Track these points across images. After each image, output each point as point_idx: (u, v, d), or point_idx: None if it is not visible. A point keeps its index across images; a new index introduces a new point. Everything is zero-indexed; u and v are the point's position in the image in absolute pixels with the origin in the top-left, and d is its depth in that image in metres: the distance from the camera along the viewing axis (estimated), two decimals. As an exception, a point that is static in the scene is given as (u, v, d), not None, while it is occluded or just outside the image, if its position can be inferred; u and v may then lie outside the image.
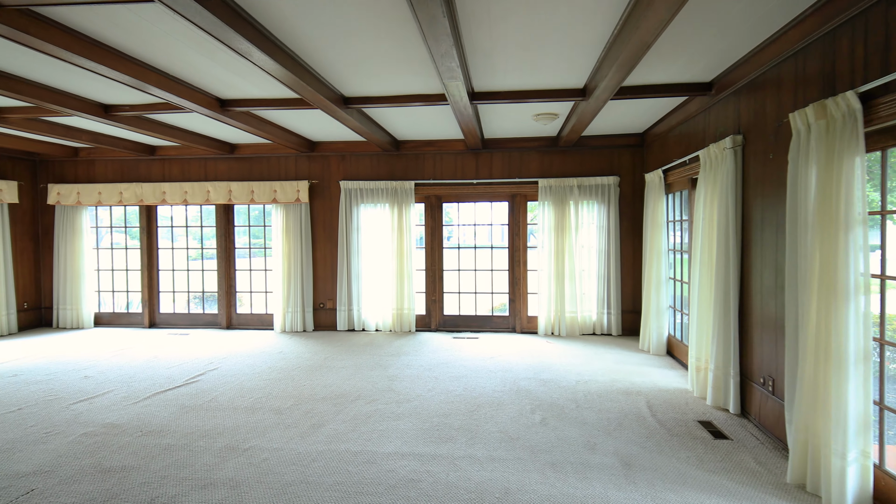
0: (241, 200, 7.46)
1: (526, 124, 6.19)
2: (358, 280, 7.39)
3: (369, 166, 7.42)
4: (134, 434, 3.73)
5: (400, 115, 5.66)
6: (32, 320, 7.94)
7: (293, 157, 7.55)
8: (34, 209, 7.98)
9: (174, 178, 7.74)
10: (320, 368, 5.48)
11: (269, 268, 7.82)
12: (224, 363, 5.71)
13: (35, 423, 3.93)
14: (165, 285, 8.07)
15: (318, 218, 7.56)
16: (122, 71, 3.76)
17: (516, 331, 7.27)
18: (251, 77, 4.28)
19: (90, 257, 7.97)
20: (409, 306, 7.28)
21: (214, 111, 4.92)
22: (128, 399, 4.51)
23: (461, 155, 7.25)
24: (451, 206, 7.60)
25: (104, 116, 5.17)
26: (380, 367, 5.54)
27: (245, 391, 4.73)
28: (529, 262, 7.31)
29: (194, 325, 7.91)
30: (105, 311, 8.18)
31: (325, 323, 7.59)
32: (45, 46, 3.23)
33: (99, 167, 7.89)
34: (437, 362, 5.69)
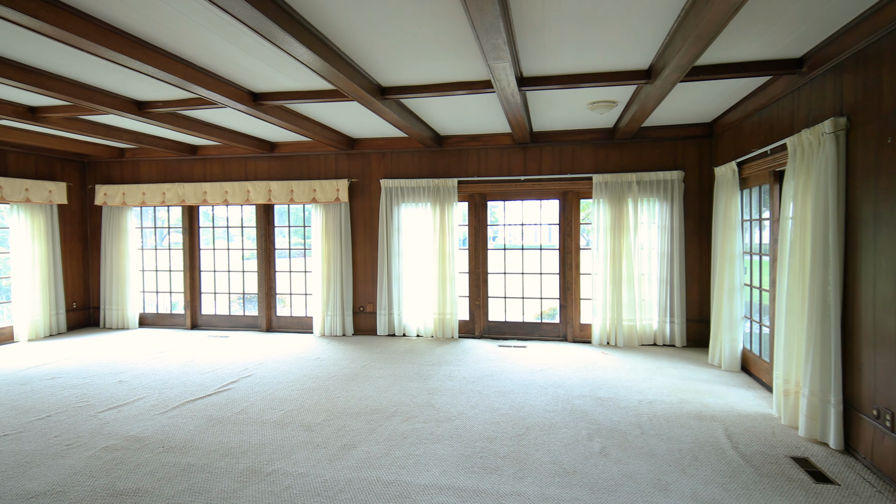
0: (281, 200, 7.26)
1: (579, 114, 5.65)
2: (399, 283, 7.04)
3: (410, 163, 7.06)
4: (155, 450, 3.48)
5: (441, 106, 5.25)
6: (81, 320, 8.04)
7: (333, 155, 7.28)
8: (83, 210, 8.08)
9: (215, 177, 7.64)
10: (357, 378, 5.14)
11: (308, 269, 7.60)
12: (259, 370, 5.47)
13: (59, 434, 3.76)
14: (207, 286, 7.99)
15: (358, 218, 7.26)
16: (151, 63, 3.52)
17: (567, 339, 6.72)
18: (283, 66, 3.98)
19: (135, 258, 7.98)
20: (451, 311, 6.86)
21: (247, 105, 4.67)
22: (156, 408, 4.30)
23: (508, 150, 6.78)
24: (496, 204, 7.14)
25: (138, 114, 5.02)
26: (419, 377, 5.14)
27: (276, 402, 4.44)
28: (582, 264, 6.74)
29: (235, 327, 7.78)
30: (149, 311, 8.19)
31: (365, 327, 7.29)
32: (77, 41, 3.02)
33: (143, 168, 7.89)
34: (480, 374, 5.24)
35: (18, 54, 3.73)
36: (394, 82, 4.43)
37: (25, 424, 3.94)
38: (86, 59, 3.79)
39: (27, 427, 3.89)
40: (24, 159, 7.12)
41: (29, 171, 7.18)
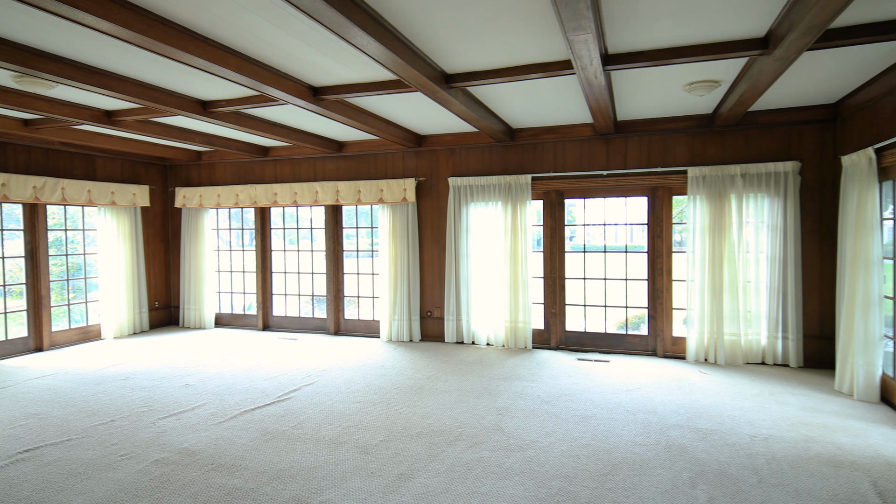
0: (349, 201, 7.07)
1: (673, 98, 4.93)
2: (467, 287, 6.61)
3: (480, 160, 6.60)
4: (204, 467, 3.27)
5: (513, 94, 4.75)
6: (163, 319, 8.32)
7: (400, 153, 6.98)
8: (164, 212, 8.36)
9: (285, 178, 7.60)
10: (421, 391, 4.77)
11: (375, 272, 7.36)
12: (322, 377, 5.25)
13: (117, 442, 3.67)
14: (278, 288, 7.99)
15: (425, 218, 6.92)
16: (205, 57, 3.32)
17: (657, 354, 5.97)
18: (342, 55, 3.66)
19: (211, 259, 8.14)
20: (524, 319, 6.33)
21: (307, 100, 4.42)
22: (215, 417, 4.15)
23: (588, 142, 6.14)
24: (574, 202, 6.52)
25: (203, 114, 4.94)
26: (488, 393, 4.68)
27: (335, 416, 4.15)
28: (675, 269, 5.97)
29: (304, 329, 7.71)
30: (225, 311, 8.32)
31: (433, 333, 6.93)
32: (141, 39, 2.85)
33: (218, 170, 8.02)
34: (557, 392, 4.69)
35: (88, 58, 3.68)
36: (459, 68, 4.00)
37: (89, 429, 3.91)
38: (145, 56, 3.68)
39: (90, 432, 3.85)
40: (110, 164, 7.42)
41: (115, 175, 7.48)
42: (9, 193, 6.04)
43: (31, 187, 6.28)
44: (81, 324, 7.26)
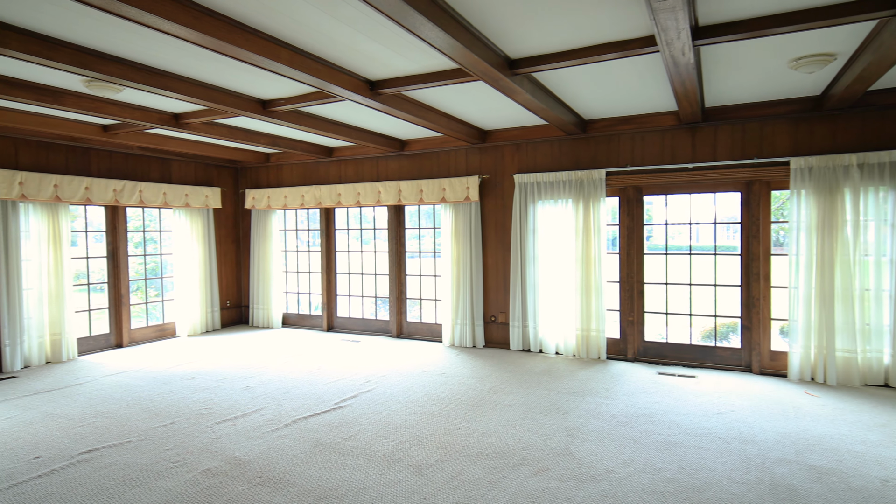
0: (411, 201, 6.86)
1: (774, 78, 4.28)
2: (534, 291, 6.19)
3: (549, 155, 6.16)
4: (251, 481, 3.12)
5: (585, 80, 4.30)
6: (234, 318, 8.52)
7: (463, 150, 6.68)
8: (235, 213, 8.56)
9: (349, 179, 7.52)
10: (483, 404, 4.43)
11: (438, 274, 7.11)
12: (381, 384, 5.05)
13: (172, 447, 3.62)
14: (342, 289, 7.93)
15: (489, 218, 6.57)
16: (259, 52, 3.18)
17: (752, 370, 5.27)
18: (397, 43, 3.40)
19: (278, 259, 8.23)
20: (597, 327, 5.82)
21: (364, 95, 4.22)
22: (270, 423, 4.03)
23: (671, 132, 5.54)
24: (654, 199, 5.92)
25: (263, 113, 4.88)
26: (557, 410, 4.26)
27: (390, 428, 3.90)
28: (774, 274, 5.24)
29: (367, 330, 7.60)
30: (292, 311, 8.40)
31: (497, 339, 6.56)
32: (187, 33, 2.74)
33: (285, 171, 8.09)
34: (635, 412, 4.19)
35: (145, 58, 3.66)
36: (524, 52, 3.62)
37: (149, 431, 3.91)
38: (198, 53, 3.60)
39: (149, 434, 3.84)
40: (185, 167, 7.67)
41: (189, 177, 7.72)
42: (92, 196, 6.34)
43: (112, 190, 6.56)
44: (158, 321, 7.55)
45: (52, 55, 3.29)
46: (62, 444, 3.68)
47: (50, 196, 5.92)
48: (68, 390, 4.92)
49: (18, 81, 4.14)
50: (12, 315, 5.67)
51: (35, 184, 5.79)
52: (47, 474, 3.21)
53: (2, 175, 5.53)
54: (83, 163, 6.41)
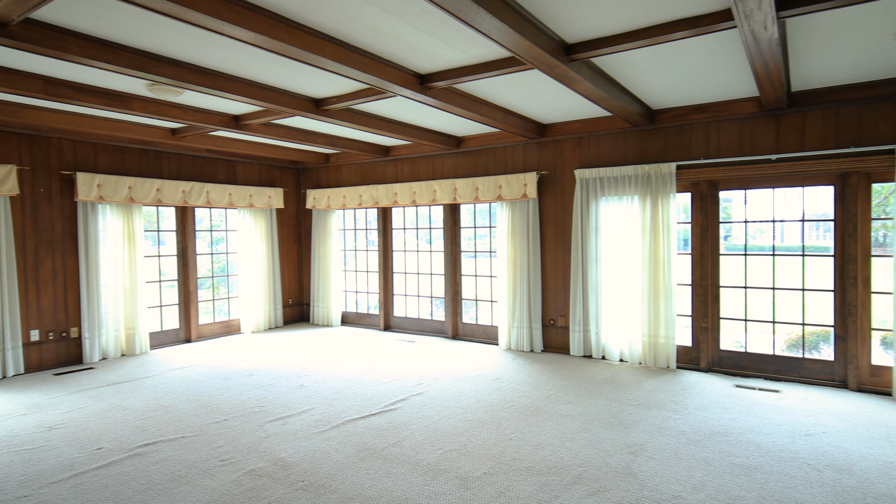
0: (466, 199, 6.68)
1: (875, 54, 3.73)
2: (597, 294, 5.83)
3: (612, 148, 5.78)
4: (294, 484, 3.05)
5: (651, 64, 3.94)
6: (295, 315, 8.70)
7: (521, 145, 6.42)
8: (297, 213, 8.73)
9: (405, 178, 7.45)
10: (538, 413, 4.18)
11: (494, 274, 6.88)
12: (433, 387, 4.91)
13: (223, 444, 3.64)
14: (399, 288, 7.89)
15: (547, 216, 6.26)
16: (304, 48, 3.13)
17: (848, 386, 4.67)
18: (442, 31, 3.24)
19: (337, 258, 8.31)
20: (666, 333, 5.39)
21: (414, 89, 4.08)
22: (318, 424, 3.99)
23: (751, 120, 5.02)
24: (732, 194, 5.40)
25: (316, 112, 4.87)
26: (618, 423, 3.94)
27: (438, 436, 3.74)
28: (876, 278, 4.62)
29: (423, 331, 7.51)
30: (350, 310, 8.46)
31: (557, 343, 6.25)
32: (230, 28, 2.73)
33: (344, 171, 8.15)
34: (708, 429, 3.79)
35: (197, 58, 3.72)
36: (582, 35, 3.35)
37: (203, 427, 3.97)
38: (247, 50, 3.60)
39: (203, 430, 3.90)
40: (249, 168, 7.90)
41: (253, 178, 7.95)
42: (162, 197, 6.64)
43: (181, 191, 6.84)
44: (224, 318, 7.82)
45: (111, 59, 3.39)
46: (124, 436, 3.80)
47: (124, 197, 6.24)
48: (137, 383, 5.14)
49: (89, 87, 4.35)
50: (91, 310, 6.02)
51: (111, 186, 6.12)
52: (105, 466, 3.31)
53: (82, 178, 5.88)
54: (155, 165, 6.72)
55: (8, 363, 5.39)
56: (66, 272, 5.93)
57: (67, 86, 4.22)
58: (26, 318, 5.61)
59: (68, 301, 5.94)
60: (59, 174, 5.85)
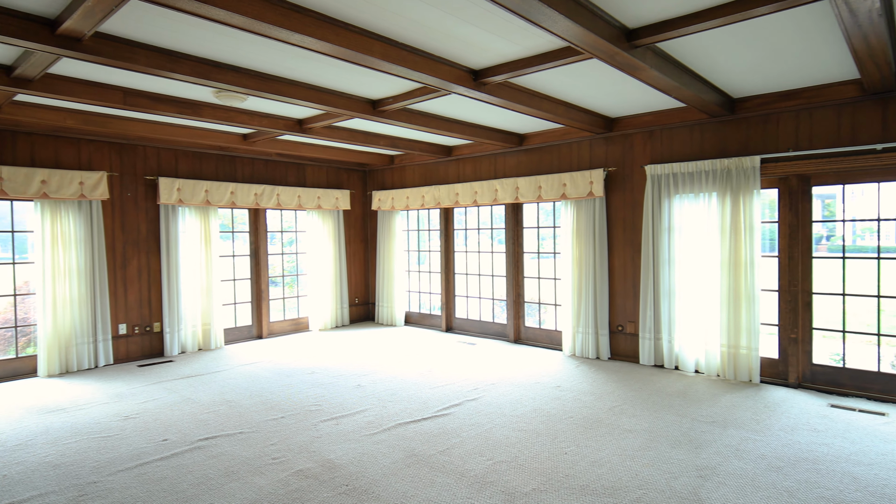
0: (529, 198, 6.46)
1: None
2: (670, 299, 5.41)
3: (687, 142, 5.34)
4: (338, 488, 3.03)
5: (727, 46, 3.56)
6: (361, 314, 8.85)
7: (587, 141, 6.10)
8: (363, 214, 8.88)
9: (467, 178, 7.35)
10: (598, 426, 3.91)
11: (558, 276, 6.60)
12: (488, 393, 4.76)
13: (276, 442, 3.71)
14: (460, 290, 7.80)
15: (615, 215, 5.91)
16: (350, 47, 3.11)
17: (973, 412, 4.00)
18: (491, 22, 3.09)
19: (401, 258, 8.36)
20: (748, 344, 4.89)
21: (467, 86, 3.96)
22: (370, 426, 3.97)
23: (850, 106, 4.44)
24: (827, 190, 4.81)
25: (373, 113, 4.88)
26: (688, 441, 3.59)
27: (489, 445, 3.60)
28: None
29: (484, 333, 7.36)
30: (413, 310, 8.48)
31: (625, 351, 5.88)
32: (272, 30, 2.77)
33: (408, 172, 8.18)
34: (794, 454, 3.37)
35: (255, 63, 3.82)
36: (645, 18, 3.07)
37: (261, 423, 4.07)
38: (300, 55, 3.64)
39: (261, 427, 4.00)
40: (318, 171, 8.12)
41: (321, 181, 8.17)
42: (236, 200, 6.96)
43: (253, 194, 7.15)
44: (294, 316, 8.09)
45: (174, 67, 3.54)
46: (188, 428, 3.98)
47: (201, 200, 6.61)
48: (207, 377, 5.40)
49: (163, 96, 4.60)
50: (172, 306, 6.42)
51: (190, 189, 6.50)
52: (168, 457, 3.46)
53: (164, 183, 6.29)
54: (230, 169, 7.07)
55: (100, 354, 5.86)
56: (149, 270, 6.36)
57: (144, 96, 4.49)
58: (115, 312, 6.07)
59: (152, 297, 6.37)
60: (143, 179, 6.29)
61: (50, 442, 3.74)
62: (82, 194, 5.64)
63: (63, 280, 5.60)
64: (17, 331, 5.71)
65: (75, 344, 5.68)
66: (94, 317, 5.83)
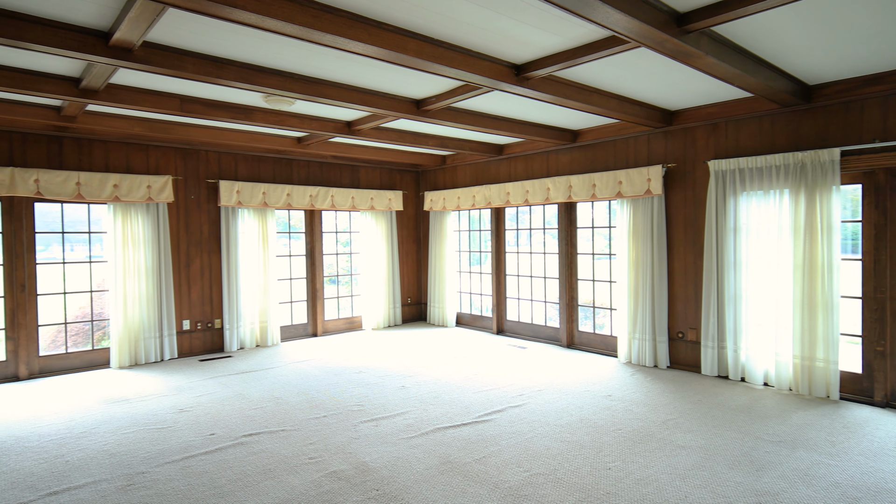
0: (582, 197, 6.19)
1: None
2: (735, 305, 5.01)
3: (756, 134, 4.91)
4: (368, 492, 2.99)
5: (798, 25, 3.20)
6: (414, 314, 8.88)
7: (644, 136, 5.77)
8: (416, 215, 8.90)
9: (518, 176, 7.17)
10: (648, 441, 3.66)
11: (613, 279, 6.29)
12: (533, 400, 4.59)
13: (315, 441, 3.74)
14: (511, 291, 7.62)
15: (675, 214, 5.54)
16: (384, 46, 3.07)
17: None
18: (527, 13, 2.95)
19: (452, 259, 8.29)
20: (825, 356, 4.43)
21: (510, 82, 3.83)
22: (409, 430, 3.92)
23: (951, 89, 3.90)
24: (924, 186, 4.26)
25: (417, 113, 4.84)
26: (749, 462, 3.28)
27: (527, 456, 3.45)
28: None
29: (536, 337, 7.16)
30: (465, 311, 8.40)
31: (686, 360, 5.50)
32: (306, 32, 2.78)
33: (459, 172, 8.10)
34: (875, 483, 2.98)
35: (295, 67, 3.88)
36: (695, 2, 2.81)
37: (303, 422, 4.13)
38: (334, 55, 3.65)
39: (303, 426, 4.05)
40: (371, 172, 8.22)
41: (374, 182, 8.26)
42: (292, 202, 7.17)
43: (308, 196, 7.33)
44: (348, 315, 8.23)
45: (220, 73, 3.65)
46: (235, 424, 4.10)
47: (259, 202, 6.85)
48: (260, 373, 5.57)
49: (217, 102, 4.78)
50: (231, 304, 6.70)
51: (248, 192, 6.75)
52: (212, 452, 3.57)
53: (224, 186, 6.57)
54: (286, 172, 7.29)
55: (165, 348, 6.20)
56: (211, 269, 6.67)
57: (199, 102, 4.69)
58: (179, 309, 6.41)
59: (213, 295, 6.68)
60: (206, 182, 6.59)
61: (111, 431, 3.97)
62: (150, 197, 5.98)
63: (133, 278, 5.97)
64: (93, 325, 6.17)
65: (143, 338, 6.04)
66: (160, 313, 6.17)
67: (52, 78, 3.95)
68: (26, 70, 3.82)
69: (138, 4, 2.63)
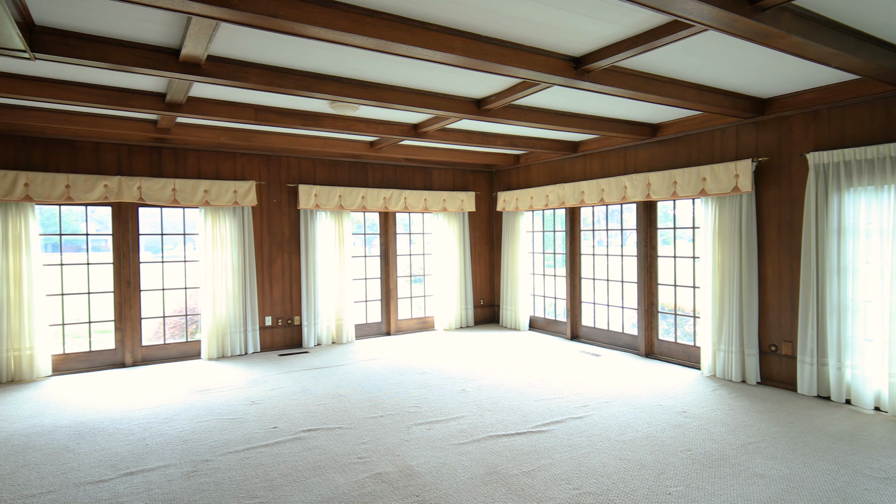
0: (662, 195, 5.76)
1: None
2: (840, 315, 4.39)
3: (864, 122, 4.27)
4: (408, 497, 2.96)
5: (909, -6, 2.72)
6: (486, 316, 8.78)
7: (731, 128, 5.24)
8: (489, 216, 8.80)
9: (594, 174, 6.83)
10: (720, 464, 3.30)
11: (696, 284, 5.78)
12: (598, 411, 4.33)
13: (367, 441, 3.78)
14: (587, 296, 7.28)
15: (767, 214, 4.98)
16: (429, 46, 3.04)
17: None
18: (581, 2, 2.77)
19: (525, 261, 8.09)
20: (953, 380, 3.74)
21: (568, 76, 3.64)
22: (461, 436, 3.86)
23: None
24: None
25: (478, 113, 4.75)
26: (842, 500, 2.83)
27: (580, 472, 3.24)
28: None
29: (612, 344, 6.78)
30: (538, 315, 8.16)
31: (780, 376, 4.93)
32: (352, 38, 2.84)
33: (533, 172, 7.89)
34: None
35: (351, 72, 3.95)
36: (770, -30, 2.48)
37: (360, 421, 4.20)
38: (383, 58, 3.66)
39: (358, 425, 4.12)
40: (444, 174, 8.25)
41: (447, 183, 8.27)
42: (366, 204, 7.37)
43: (382, 198, 7.50)
44: (420, 315, 8.32)
45: (281, 82, 3.81)
46: (297, 418, 4.27)
47: (335, 205, 7.12)
48: (330, 370, 5.78)
49: (288, 110, 5.01)
50: (309, 302, 7.02)
51: (325, 195, 7.04)
52: (271, 445, 3.74)
53: (303, 189, 6.90)
54: (361, 175, 7.51)
55: (248, 342, 6.63)
56: (291, 269, 7.03)
57: (271, 111, 4.94)
58: (262, 306, 6.82)
59: (293, 293, 7.04)
60: (286, 187, 6.96)
61: (189, 419, 4.29)
62: (235, 201, 6.43)
63: (221, 276, 6.45)
64: (187, 319, 6.74)
65: (230, 332, 6.50)
66: (244, 309, 6.61)
67: (141, 94, 4.35)
68: (119, 88, 4.24)
69: (195, 21, 2.80)
